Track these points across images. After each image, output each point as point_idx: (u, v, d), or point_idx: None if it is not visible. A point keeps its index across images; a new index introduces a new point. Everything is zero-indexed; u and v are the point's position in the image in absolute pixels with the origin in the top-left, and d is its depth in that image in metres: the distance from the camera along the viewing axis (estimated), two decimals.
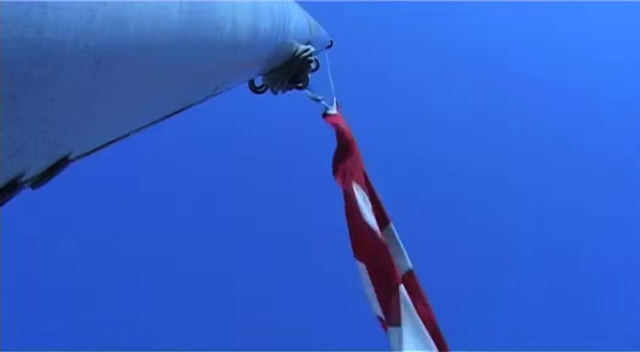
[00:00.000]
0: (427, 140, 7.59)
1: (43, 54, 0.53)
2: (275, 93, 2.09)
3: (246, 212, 6.59)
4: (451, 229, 7.29)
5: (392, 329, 2.08)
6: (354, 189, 2.16)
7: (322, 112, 2.21)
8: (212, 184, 6.88)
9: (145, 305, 6.36)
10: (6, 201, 0.68)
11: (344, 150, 2.18)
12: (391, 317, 2.08)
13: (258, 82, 2.07)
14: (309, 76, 2.07)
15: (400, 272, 2.23)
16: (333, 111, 2.23)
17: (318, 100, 2.19)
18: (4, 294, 4.77)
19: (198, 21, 0.91)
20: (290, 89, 2.11)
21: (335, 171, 2.13)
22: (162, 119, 1.10)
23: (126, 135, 0.98)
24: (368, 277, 2.14)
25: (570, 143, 7.61)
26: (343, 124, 2.22)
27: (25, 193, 0.75)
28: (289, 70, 1.98)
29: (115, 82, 0.69)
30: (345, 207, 2.15)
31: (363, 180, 2.31)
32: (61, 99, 0.59)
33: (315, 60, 2.08)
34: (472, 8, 7.49)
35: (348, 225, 2.14)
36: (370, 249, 2.14)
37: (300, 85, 2.09)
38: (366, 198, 2.24)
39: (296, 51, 1.93)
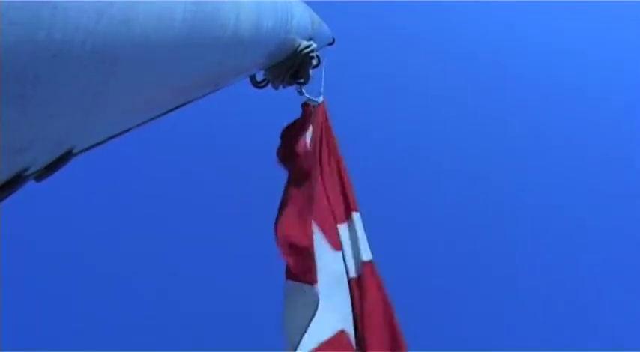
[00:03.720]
0: (427, 140, 7.60)
1: (51, 54, 0.55)
2: (276, 88, 2.11)
3: (245, 210, 6.59)
4: (451, 230, 7.30)
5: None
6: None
7: (302, 102, 2.23)
8: (212, 182, 6.88)
9: (146, 304, 6.36)
10: (10, 193, 0.70)
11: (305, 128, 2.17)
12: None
13: (260, 77, 2.08)
14: (310, 71, 2.08)
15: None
16: (313, 103, 2.24)
17: (301, 93, 2.20)
18: (4, 294, 4.77)
19: (202, 20, 0.92)
20: (291, 84, 2.13)
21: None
22: (164, 114, 1.12)
23: (128, 130, 1.01)
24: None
25: (570, 143, 7.63)
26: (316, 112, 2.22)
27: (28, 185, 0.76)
28: (290, 66, 1.99)
29: (120, 80, 0.71)
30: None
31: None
32: (68, 98, 0.61)
33: (317, 56, 2.09)
34: (472, 8, 7.48)
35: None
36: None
37: (301, 80, 2.11)
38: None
39: (298, 47, 1.94)
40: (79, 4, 0.57)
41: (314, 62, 2.05)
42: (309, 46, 1.98)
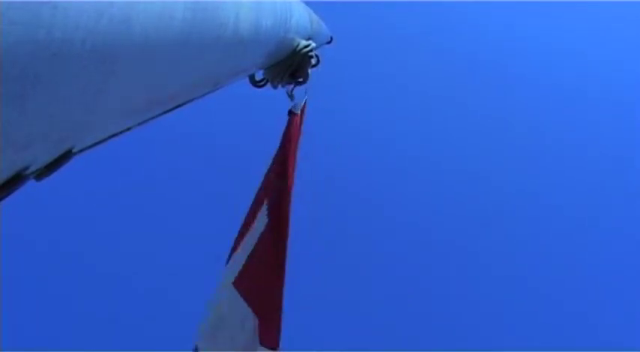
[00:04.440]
0: (426, 139, 7.59)
1: (52, 54, 0.55)
2: (275, 87, 2.10)
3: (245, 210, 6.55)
4: (454, 230, 7.30)
5: None
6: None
7: (288, 109, 2.21)
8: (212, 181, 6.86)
9: (146, 305, 6.34)
10: (11, 192, 0.70)
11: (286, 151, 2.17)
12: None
13: (259, 76, 2.08)
14: (309, 71, 2.08)
15: None
16: (297, 110, 2.22)
17: (292, 98, 2.19)
18: (4, 294, 4.76)
19: (201, 19, 0.92)
20: (290, 83, 2.12)
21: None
22: (164, 113, 1.12)
23: (128, 129, 1.00)
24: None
25: (571, 143, 7.62)
26: (296, 127, 2.20)
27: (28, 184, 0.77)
28: (289, 65, 1.99)
29: (120, 79, 0.71)
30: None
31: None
32: (68, 97, 0.61)
33: (316, 55, 2.09)
34: (472, 8, 7.47)
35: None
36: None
37: (300, 79, 2.10)
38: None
39: (297, 46, 1.94)
40: (79, 4, 0.57)
41: (313, 61, 2.05)
42: (308, 46, 1.98)
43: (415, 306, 6.91)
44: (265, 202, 2.18)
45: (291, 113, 2.20)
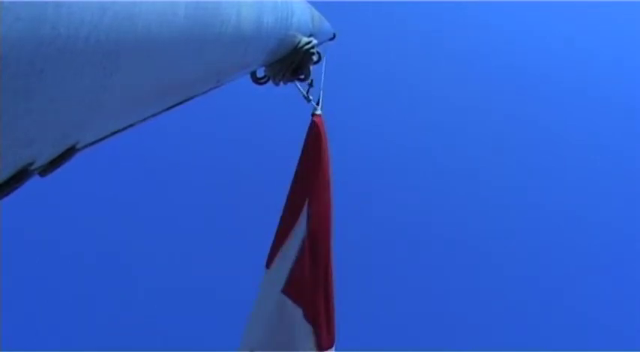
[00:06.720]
0: (426, 140, 7.58)
1: (56, 49, 0.55)
2: (277, 84, 2.11)
3: (246, 210, 6.56)
4: (451, 230, 7.29)
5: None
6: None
7: (312, 112, 2.22)
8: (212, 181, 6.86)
9: (147, 304, 6.33)
10: (15, 188, 0.71)
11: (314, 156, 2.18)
12: None
13: (260, 73, 2.09)
14: (311, 68, 2.09)
15: None
16: (318, 111, 2.23)
17: (308, 100, 2.20)
18: (4, 293, 4.76)
19: (203, 16, 0.93)
20: (291, 81, 2.13)
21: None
22: (166, 109, 1.13)
23: (131, 125, 1.01)
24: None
25: (571, 143, 7.61)
26: (322, 128, 2.21)
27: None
28: (291, 62, 1.99)
29: (123, 76, 0.71)
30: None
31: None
32: (72, 93, 0.62)
33: (317, 52, 2.09)
34: (473, 6, 7.46)
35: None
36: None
37: (302, 76, 2.11)
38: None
39: (298, 43, 1.95)
40: (84, 2, 0.58)
41: (315, 58, 2.05)
42: (309, 43, 1.98)
43: (415, 306, 6.92)
44: (305, 206, 2.19)
45: (314, 115, 2.21)
